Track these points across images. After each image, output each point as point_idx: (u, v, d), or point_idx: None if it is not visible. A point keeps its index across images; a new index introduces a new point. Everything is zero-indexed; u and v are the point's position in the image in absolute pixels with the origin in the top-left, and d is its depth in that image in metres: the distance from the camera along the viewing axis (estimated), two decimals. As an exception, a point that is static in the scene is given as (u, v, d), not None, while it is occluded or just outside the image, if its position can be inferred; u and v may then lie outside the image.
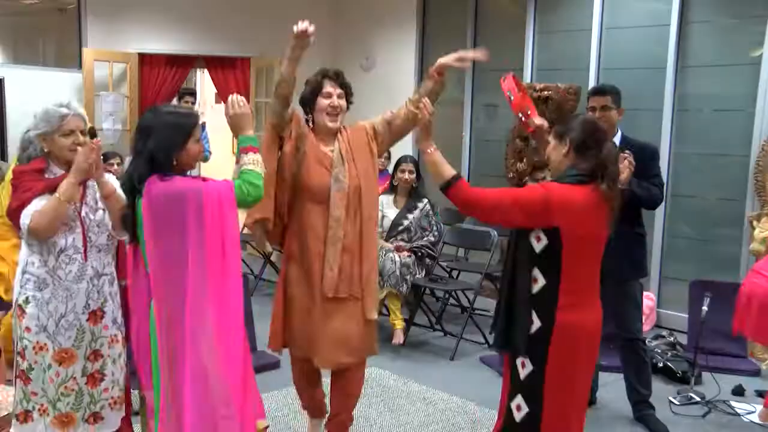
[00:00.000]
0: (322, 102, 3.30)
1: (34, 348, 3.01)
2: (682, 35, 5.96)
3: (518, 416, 2.80)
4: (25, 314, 3.00)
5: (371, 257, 3.37)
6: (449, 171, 2.83)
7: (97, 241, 3.09)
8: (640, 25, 6.27)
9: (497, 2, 7.40)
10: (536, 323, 2.73)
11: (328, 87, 3.30)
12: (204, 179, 2.67)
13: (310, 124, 3.38)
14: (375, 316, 3.39)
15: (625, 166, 3.70)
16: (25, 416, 3.04)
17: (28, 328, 3.00)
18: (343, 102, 3.33)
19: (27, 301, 3.01)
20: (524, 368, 2.77)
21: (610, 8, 6.40)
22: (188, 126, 2.70)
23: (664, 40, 6.02)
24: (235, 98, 2.82)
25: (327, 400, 3.61)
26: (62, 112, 3.01)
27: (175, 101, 7.64)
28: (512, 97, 3.31)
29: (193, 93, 7.67)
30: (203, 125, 7.75)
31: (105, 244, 3.12)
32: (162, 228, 2.55)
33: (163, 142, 2.61)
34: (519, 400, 2.80)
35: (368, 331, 3.40)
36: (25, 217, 2.91)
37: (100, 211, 3.10)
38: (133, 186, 2.60)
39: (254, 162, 2.72)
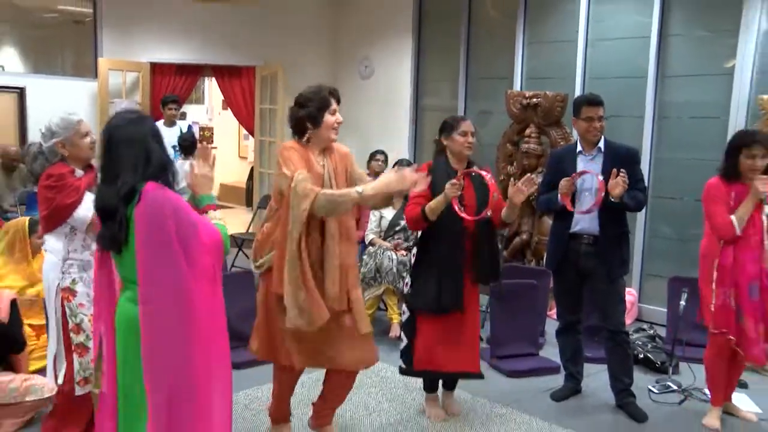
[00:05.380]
0: (330, 118, 3.25)
1: (89, 319, 3.23)
2: (661, 47, 6.02)
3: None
4: (76, 294, 3.26)
5: (355, 269, 3.37)
6: None
7: None
8: (623, 36, 6.31)
9: (489, 14, 7.43)
10: None
11: (333, 104, 3.27)
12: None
13: (311, 135, 3.27)
14: (368, 328, 3.36)
15: (618, 183, 3.79)
16: (85, 381, 3.27)
17: (81, 304, 3.25)
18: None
19: (74, 282, 3.25)
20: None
21: (594, 21, 6.46)
22: (145, 129, 2.44)
23: (645, 52, 6.07)
24: (204, 154, 2.68)
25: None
26: (76, 118, 3.27)
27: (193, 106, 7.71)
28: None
29: (176, 100, 7.55)
30: (189, 126, 7.84)
31: None
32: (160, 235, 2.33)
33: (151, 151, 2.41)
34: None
35: (369, 340, 3.41)
36: (87, 210, 3.14)
37: None
38: (127, 195, 2.32)
39: (219, 219, 2.58)
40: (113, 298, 2.53)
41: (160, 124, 7.27)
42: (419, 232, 4.01)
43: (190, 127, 8.03)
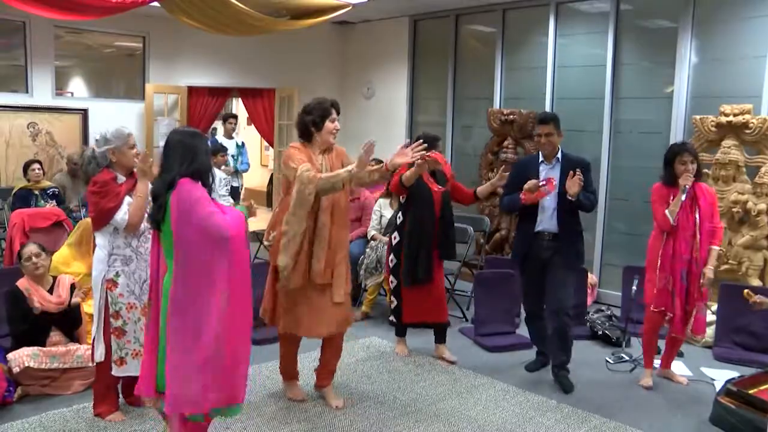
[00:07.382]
0: (330, 125, 3.37)
1: (126, 308, 3.23)
2: (615, 74, 6.02)
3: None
4: (117, 285, 3.22)
5: (344, 250, 3.42)
6: None
7: None
8: (584, 65, 6.32)
9: (472, 45, 7.44)
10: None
11: (334, 114, 3.39)
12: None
13: (314, 138, 3.39)
14: (341, 299, 3.40)
15: (575, 182, 3.82)
16: (121, 361, 3.27)
17: (121, 294, 3.22)
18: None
19: (117, 275, 3.22)
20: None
21: (561, 51, 6.47)
22: (201, 143, 2.67)
23: (602, 77, 6.07)
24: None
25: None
26: (127, 131, 3.27)
27: (219, 123, 7.73)
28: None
29: (235, 116, 7.78)
30: (243, 143, 7.75)
31: None
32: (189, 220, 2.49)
33: (199, 155, 2.61)
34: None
35: (341, 309, 3.44)
36: (124, 214, 3.15)
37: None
38: (169, 184, 2.52)
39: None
40: (163, 271, 2.62)
41: (221, 137, 7.37)
42: (399, 222, 4.32)
43: (242, 144, 7.84)
